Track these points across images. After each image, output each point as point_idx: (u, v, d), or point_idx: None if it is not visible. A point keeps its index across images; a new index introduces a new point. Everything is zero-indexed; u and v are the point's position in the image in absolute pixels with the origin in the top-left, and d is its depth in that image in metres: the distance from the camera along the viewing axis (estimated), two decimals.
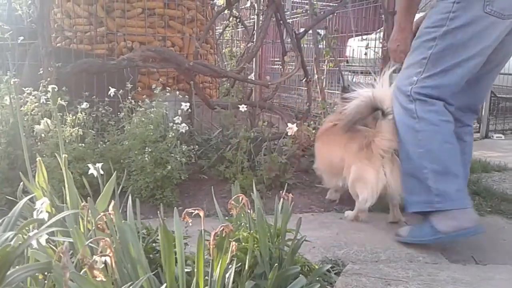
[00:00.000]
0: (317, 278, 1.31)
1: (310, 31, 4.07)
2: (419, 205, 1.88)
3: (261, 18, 4.33)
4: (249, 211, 1.25)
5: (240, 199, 1.20)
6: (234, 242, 0.92)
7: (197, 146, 2.44)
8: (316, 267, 1.36)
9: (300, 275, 1.20)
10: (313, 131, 3.53)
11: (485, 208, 2.43)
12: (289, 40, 3.49)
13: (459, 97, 1.94)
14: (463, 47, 1.79)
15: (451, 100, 1.89)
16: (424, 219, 1.88)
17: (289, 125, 2.66)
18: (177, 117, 2.36)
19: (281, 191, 1.53)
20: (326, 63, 4.41)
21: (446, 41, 1.80)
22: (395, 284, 1.56)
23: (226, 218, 1.34)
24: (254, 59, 4.53)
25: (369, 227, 2.13)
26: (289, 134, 2.64)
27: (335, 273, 1.63)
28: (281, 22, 3.44)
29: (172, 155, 2.20)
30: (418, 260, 1.80)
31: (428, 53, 1.85)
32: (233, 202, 1.18)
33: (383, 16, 3.79)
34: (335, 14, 4.81)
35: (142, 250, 0.91)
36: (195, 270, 0.91)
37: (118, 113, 2.46)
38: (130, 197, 1.25)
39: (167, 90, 2.61)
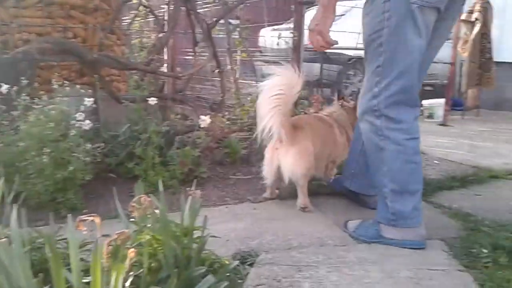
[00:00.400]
0: (228, 274, 1.29)
1: (222, 21, 4.05)
2: (379, 218, 1.90)
3: (171, 8, 4.21)
4: (155, 210, 1.20)
5: (143, 199, 1.15)
6: (132, 249, 0.87)
7: (103, 144, 2.31)
8: (227, 262, 1.35)
9: (210, 273, 1.18)
10: (228, 122, 3.53)
11: None
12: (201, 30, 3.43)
13: None
14: (409, 41, 1.73)
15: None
16: (374, 220, 1.92)
17: (202, 117, 2.63)
18: (80, 113, 2.22)
19: (192, 186, 1.49)
20: (239, 53, 4.41)
21: (393, 42, 1.75)
22: (306, 270, 1.60)
23: (131, 220, 1.28)
24: (166, 50, 4.41)
25: (282, 216, 2.17)
26: (202, 126, 2.61)
27: (249, 265, 1.64)
28: (191, 12, 3.36)
29: (75, 154, 2.06)
30: (328, 244, 1.86)
31: (380, 60, 1.79)
32: (135, 204, 1.13)
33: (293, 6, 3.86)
34: (247, 4, 4.82)
35: (28, 263, 0.83)
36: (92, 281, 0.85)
37: (12, 112, 2.25)
38: (19, 203, 1.14)
39: (67, 84, 2.43)
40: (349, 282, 1.51)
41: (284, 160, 2.21)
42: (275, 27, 4.76)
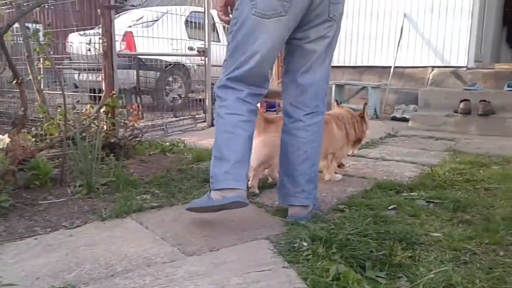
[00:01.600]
0: None
1: (17, 25, 3.57)
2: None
3: None
4: None
5: None
6: None
7: None
8: None
9: None
10: (34, 139, 3.12)
11: None
12: None
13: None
14: (244, 45, 2.06)
15: (257, 88, 2.15)
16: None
17: None
18: None
19: None
20: (42, 61, 3.94)
21: (234, 42, 2.10)
22: None
23: None
24: None
25: (103, 239, 1.96)
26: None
27: None
28: None
29: None
30: (156, 262, 1.74)
31: (227, 55, 2.15)
32: None
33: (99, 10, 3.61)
34: (51, 7, 4.37)
35: None
36: None
37: None
38: None
39: None
40: None
41: (253, 147, 2.58)
42: (82, 32, 4.40)
